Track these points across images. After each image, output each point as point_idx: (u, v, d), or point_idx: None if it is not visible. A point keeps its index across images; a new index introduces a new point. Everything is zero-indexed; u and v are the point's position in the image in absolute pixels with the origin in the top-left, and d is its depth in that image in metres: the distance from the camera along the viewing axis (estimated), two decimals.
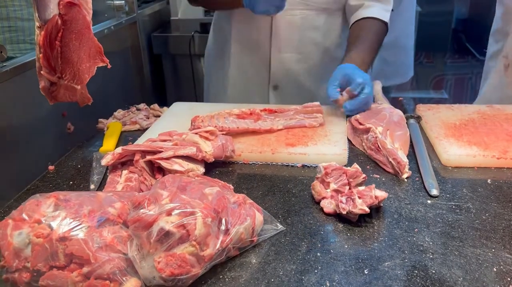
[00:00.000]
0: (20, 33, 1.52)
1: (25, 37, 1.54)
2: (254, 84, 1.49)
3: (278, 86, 1.46)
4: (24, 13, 1.52)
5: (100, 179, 0.95)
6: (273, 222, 0.78)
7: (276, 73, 1.44)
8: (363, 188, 0.80)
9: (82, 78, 0.98)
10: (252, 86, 1.49)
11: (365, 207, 0.76)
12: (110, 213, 0.67)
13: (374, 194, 0.78)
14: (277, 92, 1.47)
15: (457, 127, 1.09)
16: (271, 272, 0.68)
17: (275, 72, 1.44)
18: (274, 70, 1.43)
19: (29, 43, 1.53)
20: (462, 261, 0.69)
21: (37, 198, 0.68)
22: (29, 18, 1.53)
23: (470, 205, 0.83)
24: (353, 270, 0.68)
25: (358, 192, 0.79)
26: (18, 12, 1.51)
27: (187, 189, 0.70)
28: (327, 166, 0.85)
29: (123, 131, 1.21)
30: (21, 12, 1.52)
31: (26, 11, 1.53)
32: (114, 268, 0.62)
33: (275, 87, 1.46)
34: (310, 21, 1.38)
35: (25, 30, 1.53)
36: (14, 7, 1.50)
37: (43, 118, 1.06)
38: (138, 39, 1.74)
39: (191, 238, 0.63)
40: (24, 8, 1.52)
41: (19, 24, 1.51)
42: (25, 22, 1.53)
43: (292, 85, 1.45)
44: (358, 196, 0.78)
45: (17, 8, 1.51)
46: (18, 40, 1.52)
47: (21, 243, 0.63)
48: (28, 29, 1.53)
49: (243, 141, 1.06)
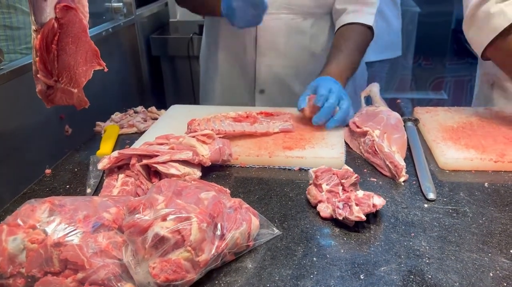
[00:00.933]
0: (11, 42, 1.49)
1: (15, 46, 1.49)
2: (240, 88, 1.49)
3: (264, 90, 1.46)
4: (14, 21, 1.48)
5: (96, 183, 0.95)
6: (270, 226, 0.78)
7: (262, 77, 1.44)
8: (362, 195, 0.80)
9: (78, 81, 0.98)
10: (238, 90, 1.50)
11: (362, 215, 0.75)
12: (105, 218, 0.67)
13: (372, 202, 0.77)
14: (264, 96, 1.47)
15: (455, 130, 1.09)
16: (266, 277, 0.68)
17: (260, 77, 1.44)
18: (259, 74, 1.43)
19: (20, 53, 1.49)
20: (459, 266, 0.69)
21: (32, 203, 0.68)
22: (19, 27, 1.49)
23: (467, 209, 0.83)
24: (349, 275, 0.68)
25: (356, 199, 0.78)
26: (7, 20, 1.47)
27: (183, 194, 0.70)
28: (317, 170, 0.86)
29: (120, 134, 1.21)
30: (10, 20, 1.48)
31: (16, 19, 1.48)
32: (109, 273, 0.62)
33: (262, 91, 1.46)
34: (296, 26, 1.37)
35: (15, 39, 1.49)
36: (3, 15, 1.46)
37: (41, 121, 1.06)
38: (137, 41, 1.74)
39: (186, 244, 0.63)
40: (14, 16, 1.48)
41: (8, 33, 1.47)
42: (15, 30, 1.48)
43: (278, 90, 1.45)
44: (356, 203, 0.77)
45: (6, 15, 1.47)
46: (9, 50, 1.49)
47: (15, 249, 0.63)
48: (18, 38, 1.49)
49: (240, 145, 1.06)
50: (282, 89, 1.45)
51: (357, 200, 0.78)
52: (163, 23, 2.41)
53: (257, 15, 1.22)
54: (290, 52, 1.40)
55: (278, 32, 1.37)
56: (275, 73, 1.42)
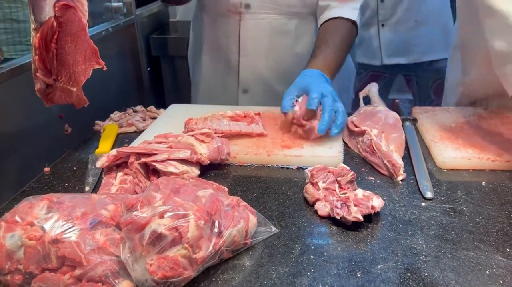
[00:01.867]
0: (16, 35, 1.53)
1: (21, 38, 1.54)
2: (224, 87, 1.48)
3: (248, 90, 1.45)
4: (20, 14, 1.53)
5: (95, 181, 0.95)
6: (267, 224, 0.78)
7: (245, 77, 1.43)
8: (361, 196, 0.79)
9: (78, 80, 0.98)
10: (221, 89, 1.49)
11: (359, 216, 0.75)
12: (103, 216, 0.67)
13: (371, 204, 0.77)
14: (247, 95, 1.46)
15: (453, 130, 1.09)
16: (264, 274, 0.68)
17: (243, 76, 1.43)
18: (242, 74, 1.43)
19: (25, 44, 1.53)
20: (455, 264, 0.69)
21: (30, 200, 0.68)
22: (25, 20, 1.53)
23: (464, 208, 0.83)
24: (345, 273, 0.68)
25: (355, 200, 0.78)
26: (14, 14, 1.51)
27: (181, 192, 0.70)
28: (312, 169, 0.87)
29: (119, 133, 1.22)
30: (17, 14, 1.52)
31: (22, 13, 1.53)
32: (107, 270, 0.62)
33: (245, 90, 1.45)
34: (280, 26, 1.36)
35: (21, 32, 1.53)
36: (10, 9, 1.50)
37: (40, 120, 1.07)
38: (136, 41, 1.75)
39: (184, 241, 0.63)
40: (20, 10, 1.53)
41: (15, 26, 1.52)
42: (21, 23, 1.53)
43: (262, 89, 1.44)
44: (354, 203, 0.77)
45: (13, 10, 1.51)
46: (14, 42, 1.53)
47: (13, 246, 0.63)
48: (24, 30, 1.54)
49: (239, 143, 1.06)
50: (266, 89, 1.44)
51: (356, 201, 0.78)
52: (163, 23, 2.41)
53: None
54: (274, 52, 1.39)
55: (262, 32, 1.36)
56: (258, 73, 1.41)
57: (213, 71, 1.49)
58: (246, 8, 1.33)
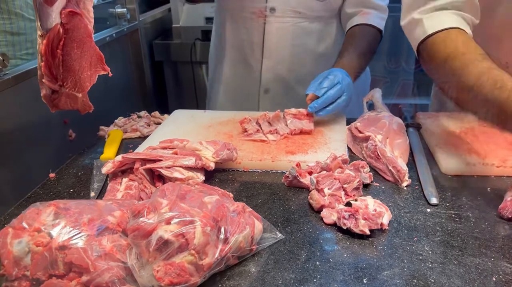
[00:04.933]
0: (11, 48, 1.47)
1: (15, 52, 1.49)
2: (245, 88, 1.51)
3: (269, 90, 1.48)
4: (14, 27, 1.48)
5: (100, 187, 0.96)
6: (273, 230, 0.78)
7: (267, 78, 1.46)
8: (373, 211, 0.77)
9: (83, 86, 0.98)
10: (243, 90, 1.52)
11: (366, 230, 0.75)
12: (110, 222, 0.68)
13: (381, 221, 0.77)
14: (268, 96, 1.48)
15: (457, 136, 1.09)
16: (270, 281, 0.68)
17: (265, 78, 1.45)
18: (265, 75, 1.45)
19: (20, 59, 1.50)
20: (461, 271, 0.69)
21: (37, 206, 0.68)
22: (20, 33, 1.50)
23: (469, 214, 0.83)
24: (352, 279, 0.68)
25: (365, 213, 0.77)
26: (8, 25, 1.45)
27: (187, 198, 0.71)
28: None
29: (124, 138, 1.22)
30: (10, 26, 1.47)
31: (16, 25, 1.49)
32: (113, 276, 0.62)
33: (266, 90, 1.48)
34: (303, 29, 1.39)
35: (15, 45, 1.49)
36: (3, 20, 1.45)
37: (45, 126, 1.07)
38: (140, 47, 1.76)
39: (190, 247, 0.63)
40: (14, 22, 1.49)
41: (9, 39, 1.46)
42: (15, 36, 1.49)
43: (283, 90, 1.47)
44: (363, 217, 0.76)
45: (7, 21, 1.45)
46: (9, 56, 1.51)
47: (20, 252, 0.64)
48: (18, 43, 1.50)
49: (243, 149, 1.07)
50: (287, 90, 1.47)
51: (366, 215, 0.77)
52: (166, 29, 2.43)
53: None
54: (296, 54, 1.42)
55: (285, 35, 1.39)
56: (280, 74, 1.44)
57: (235, 72, 1.51)
58: (272, 11, 1.36)
